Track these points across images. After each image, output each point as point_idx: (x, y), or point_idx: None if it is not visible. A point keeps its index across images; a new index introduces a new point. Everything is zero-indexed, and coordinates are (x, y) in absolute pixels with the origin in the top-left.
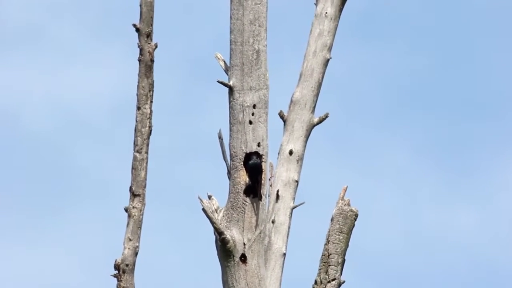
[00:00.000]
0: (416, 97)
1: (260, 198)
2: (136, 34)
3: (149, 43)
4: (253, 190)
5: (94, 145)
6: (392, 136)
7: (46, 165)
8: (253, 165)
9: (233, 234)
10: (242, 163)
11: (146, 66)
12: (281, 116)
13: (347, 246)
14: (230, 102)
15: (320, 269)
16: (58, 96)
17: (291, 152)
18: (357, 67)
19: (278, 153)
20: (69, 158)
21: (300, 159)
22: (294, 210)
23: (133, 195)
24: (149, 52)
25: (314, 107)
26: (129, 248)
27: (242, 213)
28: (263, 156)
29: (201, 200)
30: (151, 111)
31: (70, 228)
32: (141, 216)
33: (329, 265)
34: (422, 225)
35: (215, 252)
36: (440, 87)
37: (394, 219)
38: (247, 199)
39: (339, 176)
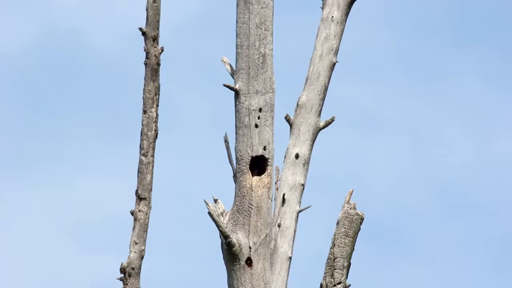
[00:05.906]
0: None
1: None
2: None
3: (155, 47)
4: None
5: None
6: (463, 62)
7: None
8: None
9: (239, 237)
10: (248, 166)
11: (152, 69)
12: (287, 119)
13: (352, 249)
14: (236, 105)
15: (325, 273)
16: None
17: (297, 156)
18: None
19: (284, 157)
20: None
21: (306, 163)
22: (300, 213)
23: (139, 198)
24: (155, 56)
25: (321, 111)
26: (135, 252)
27: (248, 216)
28: (269, 160)
29: (207, 203)
30: (157, 114)
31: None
32: (147, 220)
33: (335, 269)
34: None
35: (221, 255)
36: None
37: (466, 147)
38: (253, 203)
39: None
